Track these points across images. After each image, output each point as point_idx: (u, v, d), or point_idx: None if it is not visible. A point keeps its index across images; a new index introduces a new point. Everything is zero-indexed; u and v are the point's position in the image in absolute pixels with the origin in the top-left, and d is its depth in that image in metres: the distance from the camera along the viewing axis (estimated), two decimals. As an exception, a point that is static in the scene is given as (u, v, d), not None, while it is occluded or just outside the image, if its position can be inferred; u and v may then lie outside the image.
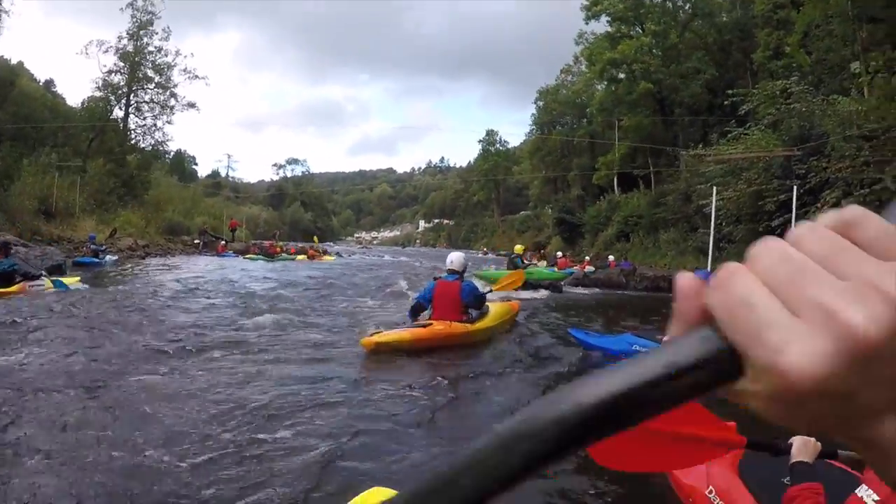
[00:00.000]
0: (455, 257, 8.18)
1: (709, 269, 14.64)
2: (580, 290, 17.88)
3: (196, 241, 35.62)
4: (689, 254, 24.23)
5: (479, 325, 7.90)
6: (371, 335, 6.93)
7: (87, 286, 12.31)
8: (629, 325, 10.13)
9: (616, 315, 11.86)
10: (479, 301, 7.99)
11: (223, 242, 34.35)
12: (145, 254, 26.38)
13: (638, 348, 6.91)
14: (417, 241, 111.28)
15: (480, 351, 7.39)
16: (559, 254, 30.75)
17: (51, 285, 11.58)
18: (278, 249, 33.28)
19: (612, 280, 19.50)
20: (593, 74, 39.96)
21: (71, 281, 12.36)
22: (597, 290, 18.15)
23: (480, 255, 52.46)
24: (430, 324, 7.41)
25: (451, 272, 7.95)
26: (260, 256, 29.08)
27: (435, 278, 8.27)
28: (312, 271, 21.33)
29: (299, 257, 32.06)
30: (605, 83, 39.21)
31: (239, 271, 20.02)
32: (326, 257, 33.95)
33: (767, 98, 18.71)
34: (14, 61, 39.57)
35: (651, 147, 35.01)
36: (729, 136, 20.77)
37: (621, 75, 36.14)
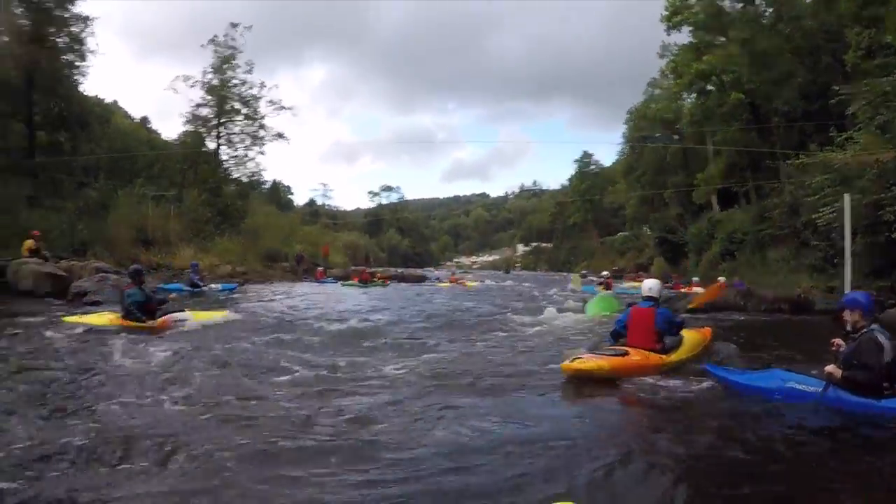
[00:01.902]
0: (652, 284, 8.19)
1: (846, 288, 13.15)
2: (697, 315, 16.27)
3: (294, 267, 36.31)
4: (802, 271, 22.36)
5: (675, 356, 7.80)
6: (572, 360, 7.02)
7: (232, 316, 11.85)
8: (765, 354, 8.82)
9: (744, 343, 10.01)
10: (674, 329, 7.91)
11: (321, 269, 34.57)
12: (244, 281, 26.66)
13: (795, 385, 5.95)
14: (518, 264, 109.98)
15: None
16: (605, 273, 29.77)
17: (199, 318, 10.79)
18: (379, 276, 33.22)
19: (729, 303, 18.00)
20: (680, 88, 38.43)
21: (216, 315, 11.65)
22: (714, 314, 16.20)
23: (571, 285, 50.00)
24: (628, 352, 7.36)
25: (648, 299, 7.94)
26: (354, 283, 28.99)
27: (629, 304, 8.48)
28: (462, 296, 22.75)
29: (442, 284, 32.06)
30: (695, 95, 37.61)
31: (365, 298, 20.31)
32: (469, 283, 33.59)
33: (878, 96, 17.01)
34: (109, 100, 41.81)
35: (749, 160, 33.17)
36: (838, 140, 19.11)
37: (710, 87, 34.59)
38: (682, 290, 25.33)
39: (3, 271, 15.92)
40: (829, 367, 5.63)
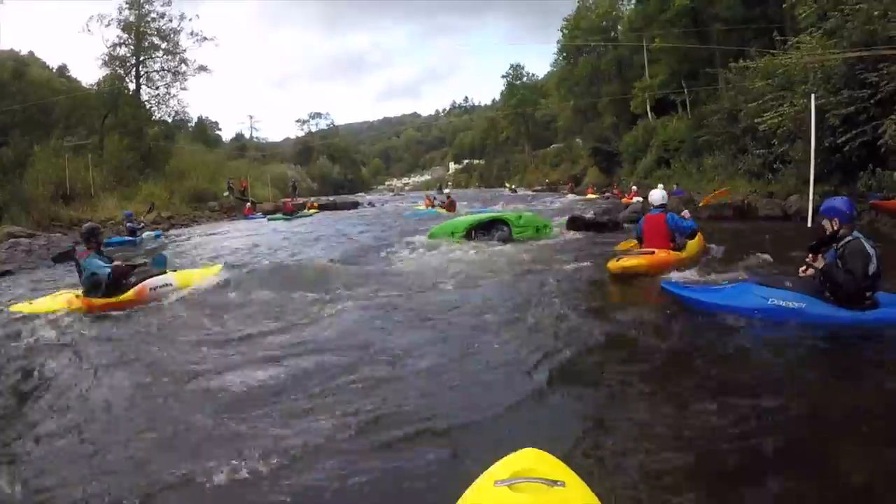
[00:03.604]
0: (657, 193, 9.40)
1: (811, 191, 12.95)
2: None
3: (226, 195, 36.15)
4: (738, 177, 22.48)
5: (686, 253, 8.91)
6: (618, 260, 8.30)
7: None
8: (723, 265, 8.65)
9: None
10: (685, 231, 8.96)
11: (249, 204, 33.48)
12: (170, 225, 25.78)
13: (777, 301, 5.47)
14: (450, 183, 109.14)
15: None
16: (446, 191, 29.52)
17: (185, 282, 8.54)
18: (309, 205, 32.89)
19: (672, 211, 17.92)
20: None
21: (207, 273, 9.16)
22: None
23: (507, 194, 49.27)
24: (654, 252, 8.50)
25: (659, 206, 9.08)
26: (279, 216, 28.18)
27: (643, 214, 9.51)
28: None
29: (420, 206, 29.51)
30: (634, 2, 37.09)
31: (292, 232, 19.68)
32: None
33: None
34: (24, 52, 39.24)
35: (688, 67, 32.96)
36: (786, 46, 18.93)
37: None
38: (624, 200, 25.59)
39: None
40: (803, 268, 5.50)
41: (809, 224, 11.99)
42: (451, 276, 9.07)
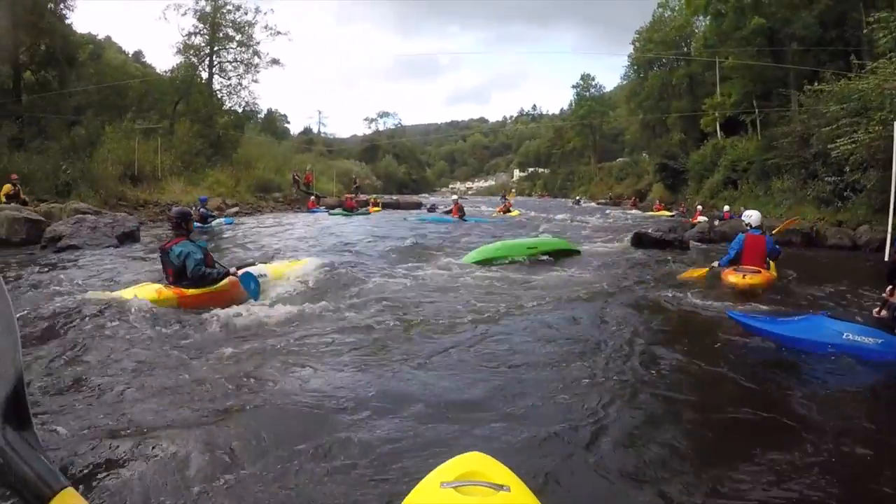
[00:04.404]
0: (756, 214, 9.50)
1: (890, 222, 12.39)
2: (704, 245, 15.94)
3: (293, 187, 37.31)
4: (807, 203, 21.70)
5: (774, 272, 9.27)
6: (744, 277, 8.49)
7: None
8: (785, 296, 8.58)
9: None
10: (776, 254, 9.23)
11: (313, 197, 33.98)
12: (235, 213, 26.32)
13: (851, 337, 5.17)
14: (513, 190, 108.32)
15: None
16: (454, 197, 28.99)
17: (277, 275, 8.36)
18: (372, 202, 34.21)
19: (739, 232, 17.41)
20: (692, 11, 37.02)
21: (298, 266, 9.16)
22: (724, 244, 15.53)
23: (571, 205, 48.96)
24: (760, 271, 8.73)
25: (756, 228, 9.26)
26: (339, 212, 28.86)
27: (742, 233, 9.48)
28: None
29: (494, 214, 29.62)
30: (709, 19, 36.20)
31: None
32: (512, 213, 29.95)
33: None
34: (102, 36, 40.72)
35: (761, 87, 32.01)
36: (864, 71, 18.23)
37: (722, 10, 33.25)
38: (691, 221, 25.15)
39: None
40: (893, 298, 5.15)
41: (887, 257, 11.45)
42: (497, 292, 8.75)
